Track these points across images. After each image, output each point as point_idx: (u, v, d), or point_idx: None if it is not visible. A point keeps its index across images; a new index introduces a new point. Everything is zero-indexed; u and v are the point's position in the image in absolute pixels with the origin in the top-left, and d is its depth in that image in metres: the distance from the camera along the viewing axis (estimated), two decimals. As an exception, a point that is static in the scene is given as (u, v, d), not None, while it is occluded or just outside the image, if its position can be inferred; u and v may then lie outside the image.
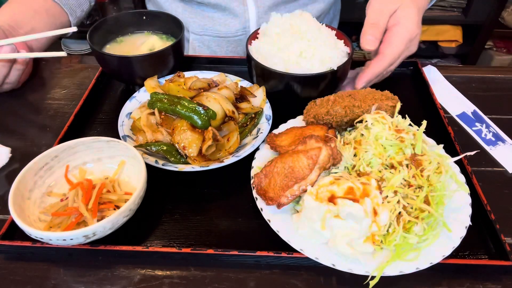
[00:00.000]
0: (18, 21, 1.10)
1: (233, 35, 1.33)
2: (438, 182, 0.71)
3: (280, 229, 0.69)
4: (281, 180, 0.71)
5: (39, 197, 0.75)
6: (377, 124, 0.77)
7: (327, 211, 0.66)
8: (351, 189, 0.67)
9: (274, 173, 0.73)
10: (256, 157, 0.82)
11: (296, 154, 0.73)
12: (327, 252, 0.66)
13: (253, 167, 0.80)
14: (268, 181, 0.73)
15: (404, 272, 0.64)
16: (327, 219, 0.66)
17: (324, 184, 0.69)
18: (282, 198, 0.69)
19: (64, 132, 0.91)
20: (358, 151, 0.75)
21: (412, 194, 0.69)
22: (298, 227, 0.69)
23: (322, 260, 0.65)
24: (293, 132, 0.84)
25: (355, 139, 0.78)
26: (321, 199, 0.67)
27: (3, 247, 0.71)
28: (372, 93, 0.85)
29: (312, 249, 0.67)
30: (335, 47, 0.97)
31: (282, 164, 0.73)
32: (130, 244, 0.70)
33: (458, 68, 1.26)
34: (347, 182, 0.68)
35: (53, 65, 1.19)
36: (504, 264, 0.67)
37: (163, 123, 0.86)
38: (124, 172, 0.81)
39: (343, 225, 0.65)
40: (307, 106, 0.88)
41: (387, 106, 0.82)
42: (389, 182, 0.70)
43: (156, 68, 1.00)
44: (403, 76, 1.15)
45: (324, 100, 0.85)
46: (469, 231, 0.69)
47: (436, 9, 2.75)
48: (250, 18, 1.28)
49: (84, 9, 1.28)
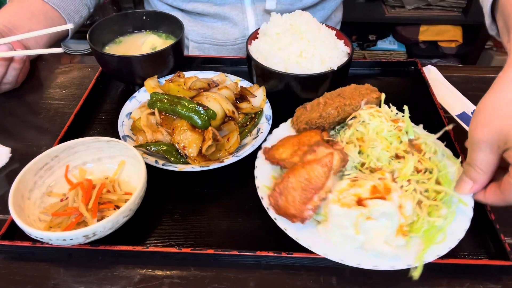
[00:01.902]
0: (15, 23, 1.09)
1: (232, 44, 1.33)
2: (440, 161, 0.72)
3: (312, 244, 0.67)
4: (299, 194, 0.68)
5: (39, 197, 0.75)
6: (374, 118, 0.77)
7: (359, 215, 0.65)
8: (374, 187, 0.67)
9: (290, 188, 0.69)
10: (257, 175, 0.77)
11: (309, 165, 0.70)
12: (362, 256, 0.66)
13: (258, 187, 0.75)
14: (285, 199, 0.68)
15: (440, 255, 0.65)
16: (360, 223, 0.65)
17: (343, 189, 0.68)
18: (305, 212, 0.67)
19: (64, 132, 0.91)
20: (364, 148, 0.75)
21: (424, 178, 0.70)
22: (328, 238, 0.68)
23: (364, 265, 0.64)
24: (289, 142, 0.80)
25: (356, 138, 0.77)
26: (347, 204, 0.66)
27: (3, 247, 0.71)
28: (357, 89, 0.84)
29: (348, 255, 0.66)
30: (335, 47, 0.97)
31: (296, 178, 0.69)
32: (130, 244, 0.70)
33: (458, 68, 1.27)
34: (367, 182, 0.68)
35: (53, 65, 1.19)
36: (504, 264, 0.67)
37: (163, 123, 0.86)
38: (124, 172, 0.81)
39: (376, 225, 0.65)
40: (296, 113, 0.85)
41: (373, 99, 0.82)
42: (401, 172, 0.70)
43: (156, 68, 1.00)
44: (403, 76, 1.15)
45: (314, 104, 0.83)
46: (469, 231, 0.69)
47: (436, 9, 2.75)
48: (249, 26, 1.29)
49: (82, 15, 1.27)
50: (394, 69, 1.16)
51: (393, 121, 0.77)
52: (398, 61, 1.16)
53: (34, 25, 1.12)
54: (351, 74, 1.04)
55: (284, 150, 0.77)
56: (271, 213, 0.70)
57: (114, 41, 1.11)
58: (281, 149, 0.78)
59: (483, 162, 0.65)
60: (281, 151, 0.78)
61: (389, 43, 2.97)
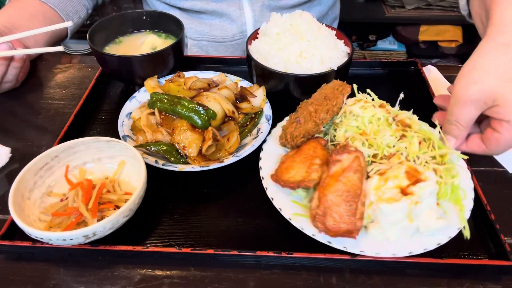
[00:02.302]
0: (14, 23, 1.10)
1: (231, 40, 1.33)
2: (426, 129, 0.77)
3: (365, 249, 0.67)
4: (344, 208, 0.66)
5: (39, 197, 0.75)
6: (365, 110, 0.78)
7: (410, 204, 0.66)
8: (408, 173, 0.68)
9: (332, 206, 0.66)
10: (274, 199, 0.74)
11: (341, 176, 0.68)
12: (410, 244, 0.67)
13: (281, 210, 0.72)
14: (332, 219, 0.66)
15: (470, 209, 0.70)
16: (412, 211, 0.66)
17: (377, 186, 0.68)
18: (357, 223, 0.65)
19: (64, 132, 0.91)
20: (371, 141, 0.75)
21: (426, 149, 0.73)
22: (389, 236, 0.68)
23: (417, 250, 0.66)
24: (295, 160, 0.75)
25: (359, 133, 0.77)
26: (393, 199, 0.66)
27: (3, 247, 0.71)
28: (334, 87, 0.83)
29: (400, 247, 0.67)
30: (335, 47, 0.97)
31: (334, 194, 0.67)
32: (130, 244, 0.70)
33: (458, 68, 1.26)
34: (397, 170, 0.69)
35: (53, 65, 1.19)
36: (504, 264, 0.67)
37: (163, 123, 0.86)
38: (124, 172, 0.81)
39: (425, 206, 0.67)
40: (287, 131, 0.80)
41: (347, 91, 0.82)
42: (411, 150, 0.73)
43: (156, 68, 1.00)
44: (403, 76, 1.15)
45: (305, 115, 0.80)
46: (469, 231, 0.69)
47: (436, 9, 2.75)
48: (247, 22, 1.29)
49: (81, 16, 1.28)
50: (394, 69, 1.16)
51: (380, 107, 0.80)
52: (398, 61, 1.16)
53: (33, 25, 1.12)
54: (351, 74, 1.04)
55: (297, 171, 0.74)
56: (320, 238, 0.68)
57: (114, 41, 1.11)
58: (292, 171, 0.74)
59: (466, 118, 0.70)
60: (293, 173, 0.74)
61: (389, 43, 2.97)
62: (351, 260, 0.68)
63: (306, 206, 0.73)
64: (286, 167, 0.75)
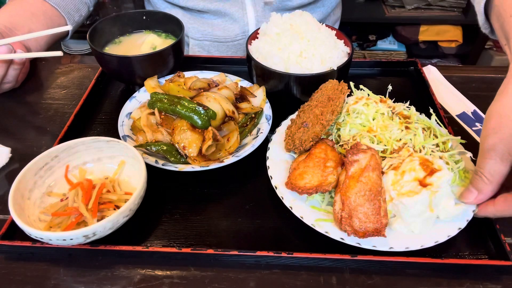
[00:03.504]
0: (15, 23, 1.10)
1: (233, 40, 1.33)
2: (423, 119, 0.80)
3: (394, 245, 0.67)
4: (368, 207, 0.66)
5: (39, 197, 0.75)
6: (368, 107, 0.79)
7: (431, 194, 0.67)
8: (422, 164, 0.69)
9: (356, 207, 0.66)
10: (293, 208, 0.72)
11: (361, 176, 0.68)
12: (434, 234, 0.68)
13: (303, 218, 0.70)
14: (358, 220, 0.66)
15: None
16: (432, 201, 0.67)
17: (394, 181, 0.69)
18: (383, 220, 0.66)
19: (64, 132, 0.91)
20: (379, 136, 0.76)
21: (429, 137, 0.75)
22: (413, 229, 0.68)
23: (442, 238, 0.68)
24: (308, 165, 0.73)
25: (366, 130, 0.78)
26: (413, 191, 0.67)
27: (3, 247, 0.71)
28: (333, 87, 0.83)
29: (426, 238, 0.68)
30: (335, 47, 0.97)
31: (356, 195, 0.67)
32: (130, 244, 0.70)
33: (458, 68, 1.26)
34: (411, 163, 0.70)
35: (53, 65, 1.19)
36: (504, 264, 0.67)
37: (163, 123, 0.86)
38: (124, 172, 0.81)
39: (443, 194, 0.68)
40: (296, 135, 0.78)
41: (347, 91, 0.83)
42: (417, 141, 0.75)
43: (156, 68, 1.00)
44: (403, 76, 1.15)
45: (312, 118, 0.79)
46: (469, 231, 0.69)
47: (436, 9, 2.75)
48: (249, 22, 1.29)
49: (82, 14, 1.28)
50: (394, 69, 1.16)
51: (381, 102, 0.80)
52: (398, 61, 1.16)
53: (34, 24, 1.12)
54: (351, 74, 1.04)
55: (312, 176, 0.72)
56: (349, 240, 0.67)
57: (114, 41, 1.11)
58: (307, 176, 0.72)
59: (491, 171, 0.63)
60: (308, 178, 0.72)
61: (389, 43, 2.98)
62: (351, 260, 0.68)
63: (325, 210, 0.72)
64: (300, 173, 0.73)
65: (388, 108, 0.79)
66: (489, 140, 0.62)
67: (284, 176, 0.76)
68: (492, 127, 0.62)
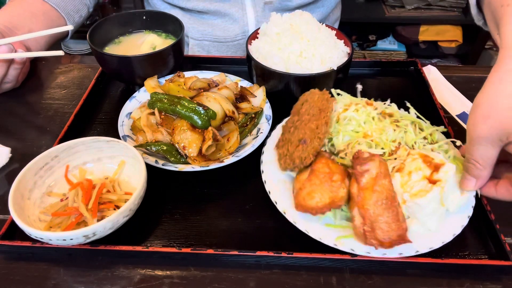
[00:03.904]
0: (14, 23, 1.10)
1: (232, 40, 1.33)
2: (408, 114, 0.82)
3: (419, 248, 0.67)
4: (388, 215, 0.65)
5: (39, 197, 0.75)
6: (359, 112, 0.78)
7: (441, 190, 0.67)
8: (425, 162, 0.70)
9: (376, 218, 0.65)
10: (309, 231, 0.69)
11: (375, 185, 0.66)
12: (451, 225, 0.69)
13: (321, 239, 0.68)
14: (381, 230, 0.64)
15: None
16: (443, 196, 0.68)
17: (403, 182, 0.69)
18: (403, 225, 0.65)
19: (64, 132, 0.91)
20: (376, 141, 0.76)
21: (417, 131, 0.77)
22: (430, 227, 0.69)
23: (457, 230, 0.69)
24: (314, 182, 0.69)
25: (362, 136, 0.77)
26: (425, 190, 0.67)
27: (3, 247, 0.71)
28: (321, 97, 0.80)
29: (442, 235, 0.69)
30: (335, 47, 0.97)
31: (374, 206, 0.65)
32: (130, 244, 0.70)
33: (458, 68, 1.26)
34: (414, 162, 0.70)
35: (53, 65, 1.19)
36: (504, 264, 0.67)
37: (163, 123, 0.86)
38: (124, 172, 0.81)
39: (450, 188, 0.69)
40: (296, 154, 0.73)
41: (334, 99, 0.82)
42: (409, 138, 0.76)
43: (156, 68, 1.00)
44: (403, 76, 1.15)
45: (309, 133, 0.75)
46: (469, 231, 0.69)
47: (436, 9, 2.75)
48: (249, 22, 1.29)
49: (82, 14, 1.28)
50: (394, 69, 1.16)
51: (368, 104, 0.81)
52: (398, 61, 1.16)
53: (34, 24, 1.12)
54: (351, 74, 1.04)
55: (322, 194, 0.68)
56: (376, 253, 0.66)
57: (114, 41, 1.11)
58: (316, 195, 0.68)
59: (483, 157, 0.64)
60: (318, 197, 0.68)
61: (389, 43, 2.98)
62: (351, 260, 0.68)
63: (340, 226, 0.70)
64: (309, 193, 0.69)
65: (375, 110, 0.79)
66: (479, 128, 0.62)
67: (288, 198, 0.73)
68: (481, 115, 0.62)
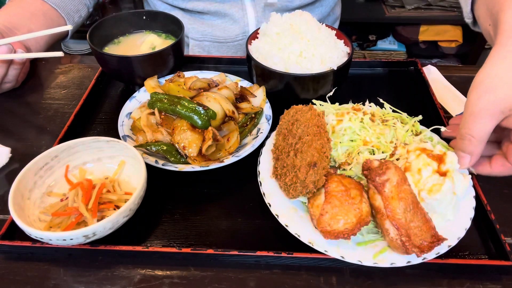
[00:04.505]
0: (14, 23, 1.10)
1: (233, 40, 1.33)
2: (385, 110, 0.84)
3: None
4: (418, 220, 0.64)
5: (39, 197, 0.75)
6: (352, 120, 0.79)
7: (452, 181, 0.69)
8: (431, 156, 0.71)
9: (409, 225, 0.64)
10: (344, 256, 0.66)
11: (400, 193, 0.65)
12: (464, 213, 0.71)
13: (361, 262, 0.66)
14: (415, 237, 0.64)
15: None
16: (455, 185, 0.70)
17: (415, 181, 0.70)
18: (431, 224, 0.66)
19: (64, 132, 0.91)
20: (377, 146, 0.77)
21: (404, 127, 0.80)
22: (450, 217, 0.70)
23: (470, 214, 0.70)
24: (334, 204, 0.67)
25: (362, 144, 0.78)
26: (439, 184, 0.68)
27: (3, 247, 0.71)
28: (312, 112, 0.79)
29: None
30: (335, 47, 0.97)
31: (404, 214, 0.64)
32: (130, 244, 0.70)
33: (458, 68, 1.26)
34: (420, 158, 0.71)
35: (53, 65, 1.19)
36: (504, 264, 0.67)
37: (163, 123, 0.86)
38: (124, 172, 0.81)
39: (457, 175, 0.70)
40: (308, 179, 0.69)
41: (323, 113, 0.82)
42: (401, 134, 0.79)
43: (156, 68, 1.00)
44: (403, 76, 1.15)
45: (316, 155, 0.72)
46: (469, 231, 0.69)
47: (436, 9, 2.75)
48: (249, 22, 1.29)
49: (82, 14, 1.28)
50: (394, 69, 1.16)
51: (357, 111, 0.81)
52: (398, 61, 1.16)
53: (34, 24, 1.12)
54: (351, 74, 1.04)
55: (346, 214, 0.66)
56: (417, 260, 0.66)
57: (114, 41, 1.11)
58: (341, 218, 0.66)
59: (481, 132, 0.65)
60: (344, 219, 0.66)
61: (389, 43, 2.98)
62: (351, 260, 0.68)
63: (370, 241, 0.69)
64: (332, 217, 0.66)
65: (366, 115, 0.80)
66: (483, 100, 0.64)
67: (308, 227, 0.69)
68: (485, 89, 0.65)
